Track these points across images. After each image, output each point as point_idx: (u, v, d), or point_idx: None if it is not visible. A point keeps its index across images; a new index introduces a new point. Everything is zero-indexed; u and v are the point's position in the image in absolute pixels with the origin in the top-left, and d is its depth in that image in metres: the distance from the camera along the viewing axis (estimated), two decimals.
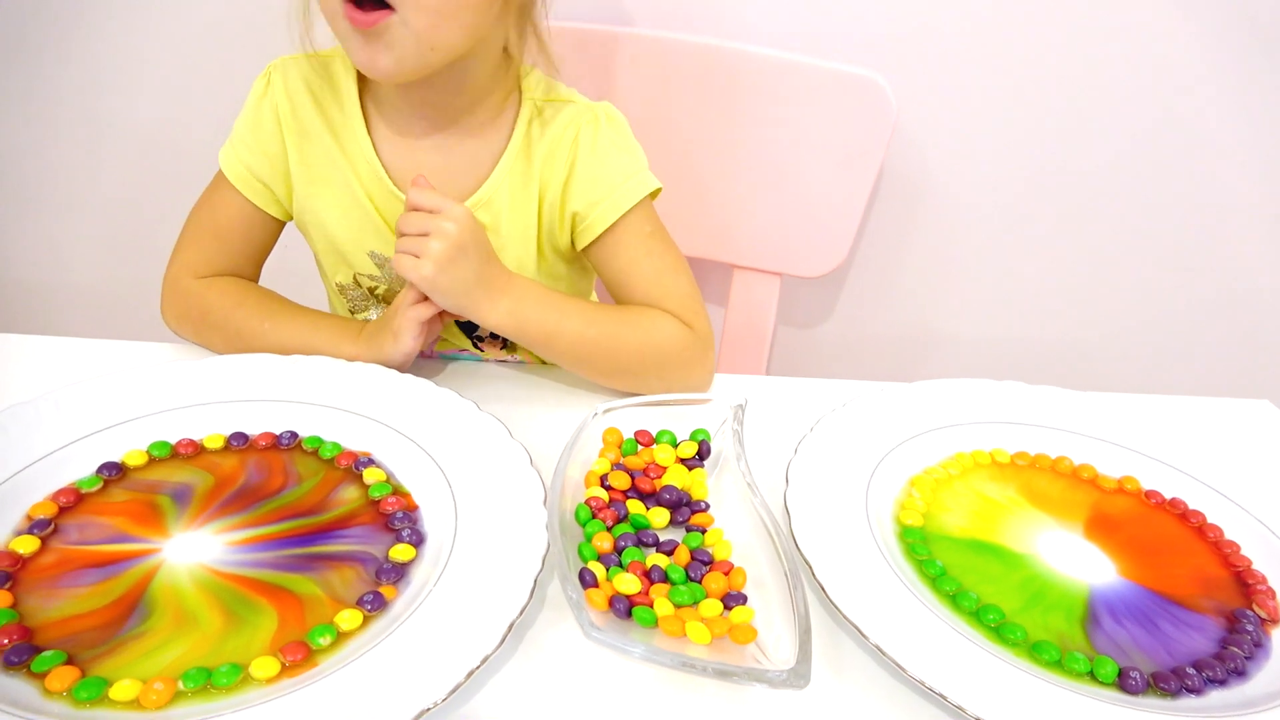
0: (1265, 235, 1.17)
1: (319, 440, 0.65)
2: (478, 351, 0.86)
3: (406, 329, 0.71)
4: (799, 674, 0.47)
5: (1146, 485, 0.69)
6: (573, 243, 0.80)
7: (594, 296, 0.94)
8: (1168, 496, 0.68)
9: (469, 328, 0.85)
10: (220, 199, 0.79)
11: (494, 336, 0.84)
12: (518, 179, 0.77)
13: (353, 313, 0.84)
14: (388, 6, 0.63)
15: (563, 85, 0.80)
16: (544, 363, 0.81)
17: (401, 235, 0.69)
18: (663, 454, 0.66)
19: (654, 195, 0.79)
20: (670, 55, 1.02)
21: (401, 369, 0.72)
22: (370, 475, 0.62)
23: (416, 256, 0.68)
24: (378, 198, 0.77)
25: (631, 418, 0.68)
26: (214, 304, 0.76)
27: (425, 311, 0.71)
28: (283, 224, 0.81)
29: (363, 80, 0.77)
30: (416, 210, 0.69)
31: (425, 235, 0.68)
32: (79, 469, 0.60)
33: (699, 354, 0.77)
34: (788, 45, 1.00)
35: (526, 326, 0.73)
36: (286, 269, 0.86)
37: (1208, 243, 1.18)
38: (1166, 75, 1.07)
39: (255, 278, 0.82)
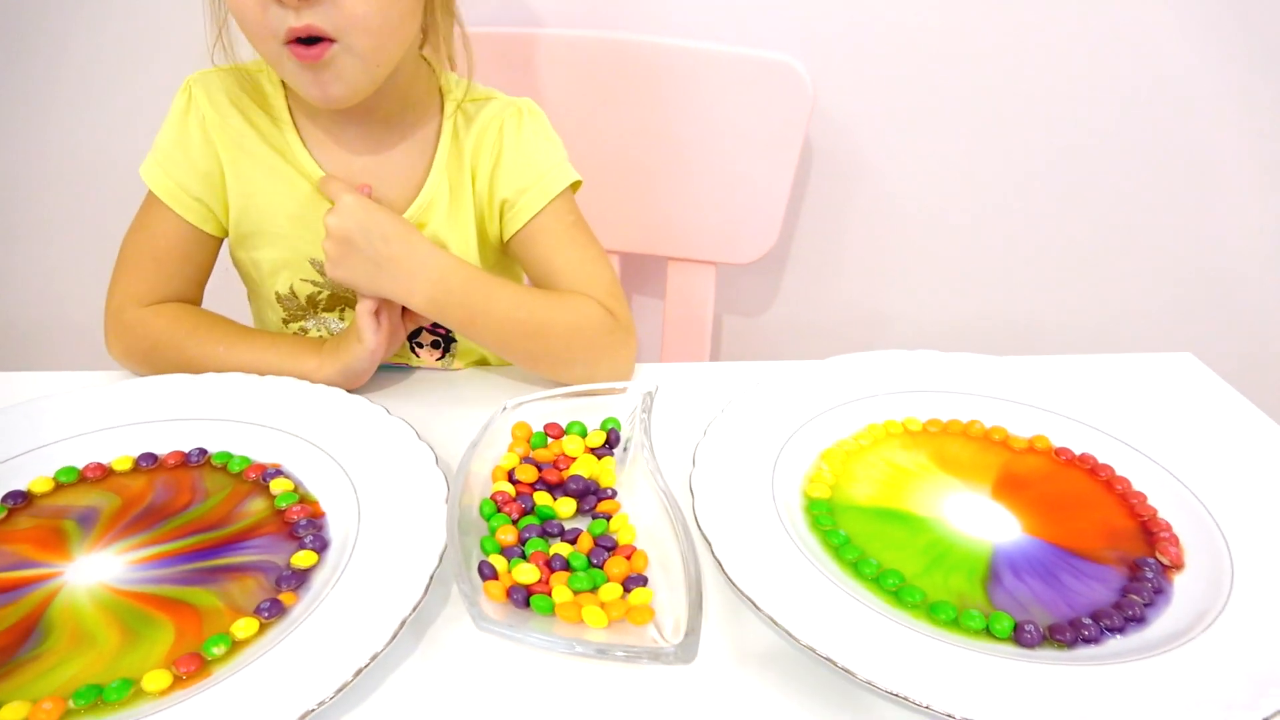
0: (1199, 188, 1.18)
1: (228, 455, 0.65)
2: (414, 358, 0.85)
3: (364, 325, 0.72)
4: (687, 648, 0.48)
5: (1057, 443, 0.69)
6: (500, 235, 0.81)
7: None
8: (1077, 453, 0.68)
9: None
10: (154, 221, 0.77)
11: (433, 345, 0.84)
12: (453, 177, 0.78)
13: (286, 324, 0.83)
14: (328, 39, 0.65)
15: (479, 84, 0.81)
16: (480, 364, 0.82)
17: None
18: (572, 445, 0.66)
19: (574, 189, 0.81)
20: (587, 53, 1.02)
21: (367, 374, 0.74)
22: (277, 485, 0.62)
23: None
24: (320, 205, 0.77)
25: (542, 411, 0.69)
26: (162, 333, 0.75)
27: (369, 304, 0.73)
28: (220, 241, 0.80)
29: (289, 91, 0.77)
30: None
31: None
32: None
33: (622, 339, 0.77)
34: (701, 35, 1.01)
35: (449, 306, 0.72)
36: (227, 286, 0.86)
37: (1144, 202, 1.19)
38: (1092, 35, 1.08)
39: (199, 300, 0.81)
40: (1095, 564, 0.58)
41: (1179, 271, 1.24)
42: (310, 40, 0.65)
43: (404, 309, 0.76)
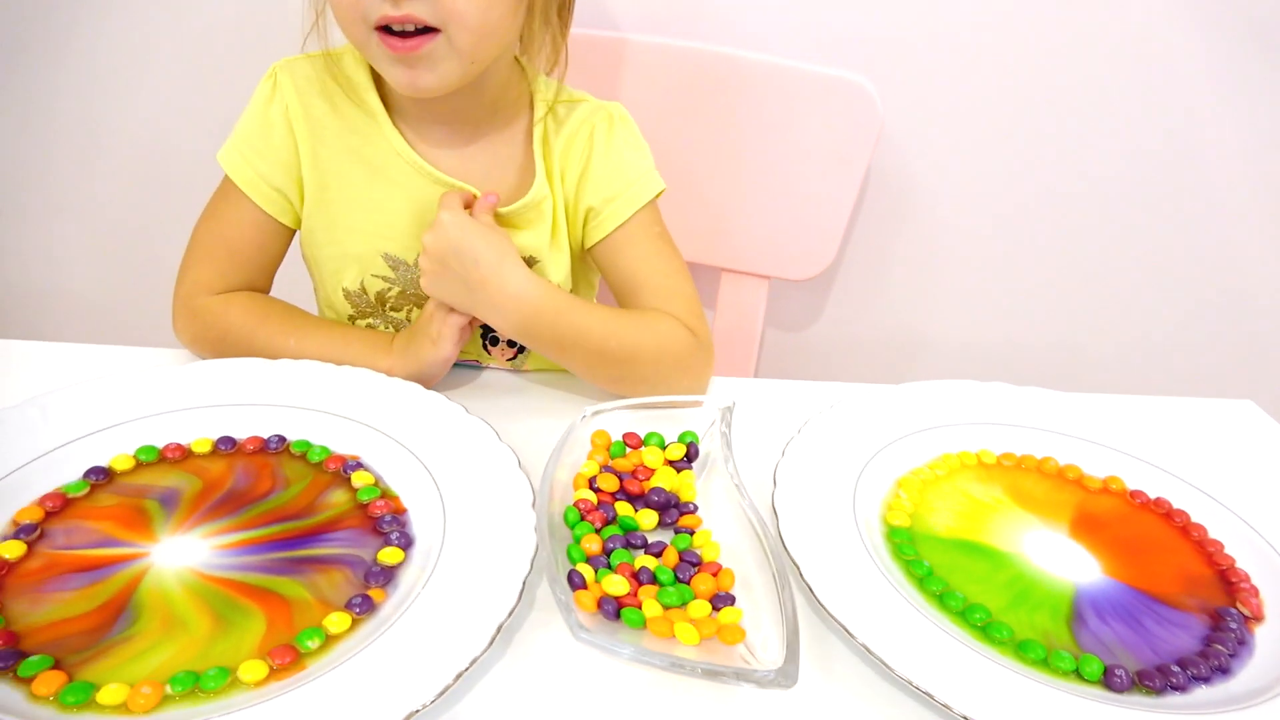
0: (1252, 235, 1.18)
1: (307, 444, 0.65)
2: (486, 355, 0.85)
3: (447, 335, 0.72)
4: (786, 673, 0.47)
5: (1131, 485, 0.69)
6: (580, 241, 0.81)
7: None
8: (1152, 496, 0.68)
9: (485, 329, 0.84)
10: (230, 210, 0.76)
11: (508, 343, 0.83)
12: (546, 179, 0.78)
13: (354, 320, 0.83)
14: (431, 30, 0.65)
15: (569, 86, 0.80)
16: (546, 369, 0.81)
17: None
18: (651, 456, 0.66)
19: (657, 196, 0.80)
20: (659, 59, 1.02)
21: (438, 378, 0.73)
22: (359, 478, 0.62)
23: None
24: (413, 188, 0.76)
25: (619, 420, 0.69)
26: (235, 322, 0.75)
27: (458, 318, 0.73)
28: (293, 232, 0.80)
29: (376, 80, 0.76)
30: None
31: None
32: (66, 474, 0.60)
33: (703, 361, 0.77)
34: (775, 49, 1.01)
35: (538, 335, 0.72)
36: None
37: (1195, 243, 1.19)
38: (1156, 75, 1.08)
39: (268, 288, 0.80)
40: (1177, 610, 0.58)
41: (1230, 313, 1.24)
42: (405, 32, 0.65)
43: None
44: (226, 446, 0.64)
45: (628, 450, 0.67)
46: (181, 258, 0.78)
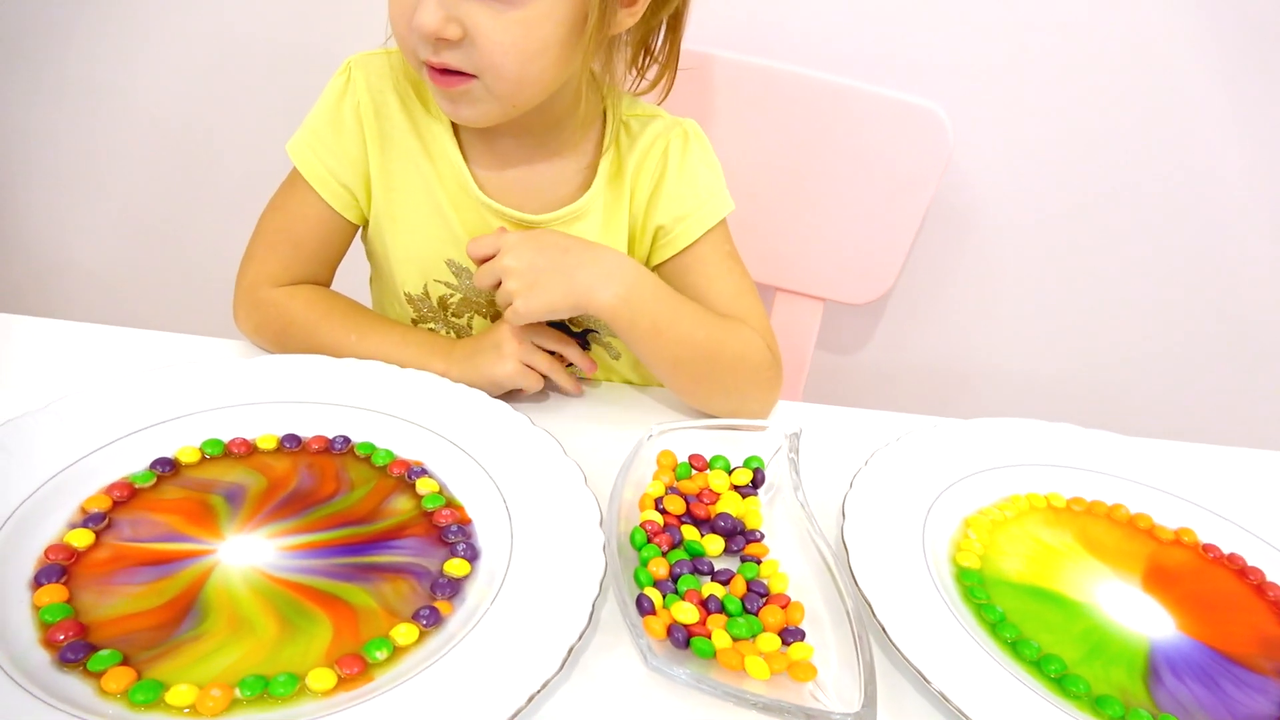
0: None
1: (371, 446, 0.64)
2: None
3: (509, 353, 0.71)
4: (865, 718, 0.46)
5: (1204, 538, 0.68)
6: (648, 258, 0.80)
7: None
8: (1226, 551, 0.67)
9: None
10: (296, 203, 0.76)
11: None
12: (611, 192, 0.77)
13: (415, 324, 0.82)
14: (466, 74, 0.65)
15: (643, 101, 0.79)
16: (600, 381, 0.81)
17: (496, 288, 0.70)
18: (717, 480, 0.65)
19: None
20: (727, 75, 1.01)
21: (493, 393, 0.70)
22: (423, 485, 0.61)
23: (511, 305, 0.69)
24: (463, 207, 0.76)
25: (683, 441, 0.68)
26: (298, 315, 0.74)
27: (530, 348, 0.72)
28: (356, 228, 0.79)
29: None
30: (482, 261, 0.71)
31: (498, 284, 0.69)
32: (130, 464, 0.60)
33: (776, 378, 0.76)
34: (848, 71, 1.00)
35: (639, 313, 0.70)
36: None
37: (1266, 290, 1.17)
38: (1230, 121, 1.06)
39: (329, 282, 0.80)
40: (1254, 674, 0.57)
41: None
42: (449, 71, 0.65)
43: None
44: (292, 445, 0.64)
45: (693, 472, 0.66)
46: (245, 247, 0.78)
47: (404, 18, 0.64)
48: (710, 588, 0.56)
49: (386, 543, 0.57)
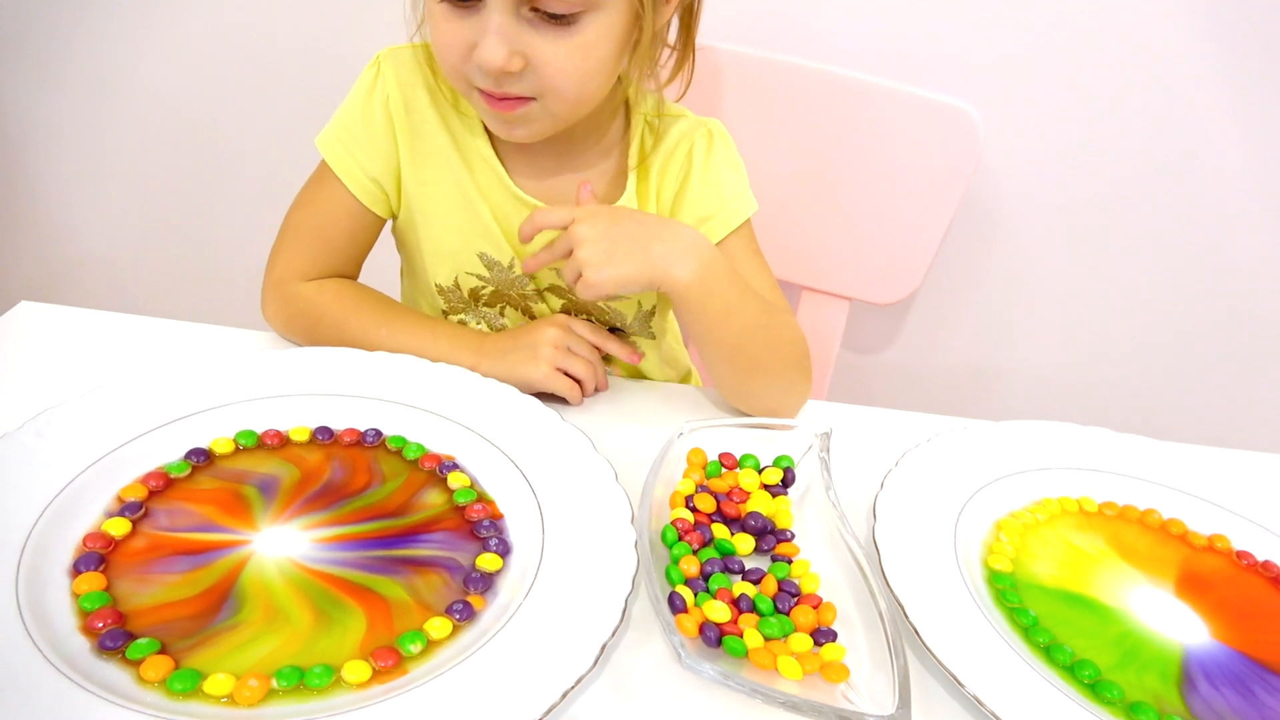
0: None
1: (403, 440, 0.64)
2: None
3: (546, 356, 0.71)
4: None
5: (1237, 545, 0.67)
6: None
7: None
8: (1259, 558, 0.66)
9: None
10: (325, 197, 0.76)
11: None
12: (639, 192, 0.77)
13: (445, 315, 0.82)
14: (526, 98, 0.65)
15: (667, 100, 0.79)
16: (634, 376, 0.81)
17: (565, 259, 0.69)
18: (747, 478, 0.65)
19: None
20: (756, 73, 1.01)
21: (524, 390, 0.69)
22: (455, 480, 0.61)
23: (582, 276, 0.67)
24: (495, 199, 0.76)
25: (713, 439, 0.68)
26: (327, 309, 0.74)
27: (567, 353, 0.72)
28: (384, 221, 0.79)
29: None
30: (550, 231, 0.71)
31: (570, 254, 0.68)
32: (164, 454, 0.60)
33: (810, 372, 0.76)
34: (878, 70, 0.99)
35: (711, 297, 0.69)
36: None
37: None
38: (1256, 113, 1.05)
39: (357, 275, 0.80)
40: None
41: None
42: (509, 95, 0.66)
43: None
44: (324, 437, 0.64)
45: (723, 471, 0.66)
46: (274, 241, 0.78)
47: (456, 50, 0.64)
48: (741, 586, 0.56)
49: (418, 536, 0.57)
